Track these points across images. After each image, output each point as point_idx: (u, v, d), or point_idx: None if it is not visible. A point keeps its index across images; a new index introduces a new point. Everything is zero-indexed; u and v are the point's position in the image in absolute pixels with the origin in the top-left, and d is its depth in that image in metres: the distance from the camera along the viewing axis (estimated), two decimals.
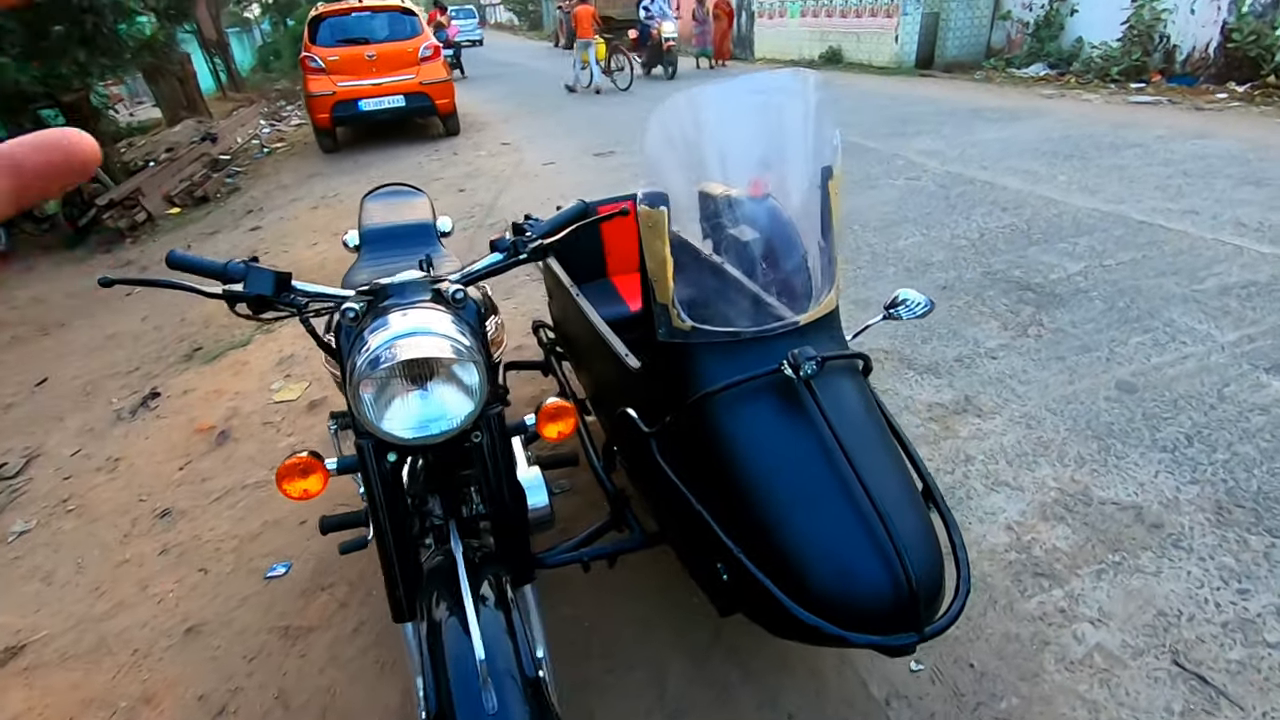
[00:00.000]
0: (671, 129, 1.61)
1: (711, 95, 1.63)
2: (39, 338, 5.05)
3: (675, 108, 1.57)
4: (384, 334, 0.99)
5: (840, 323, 1.59)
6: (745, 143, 1.71)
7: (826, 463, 1.29)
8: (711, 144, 1.67)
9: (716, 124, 1.68)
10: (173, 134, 11.61)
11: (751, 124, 1.75)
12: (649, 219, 1.40)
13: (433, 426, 1.05)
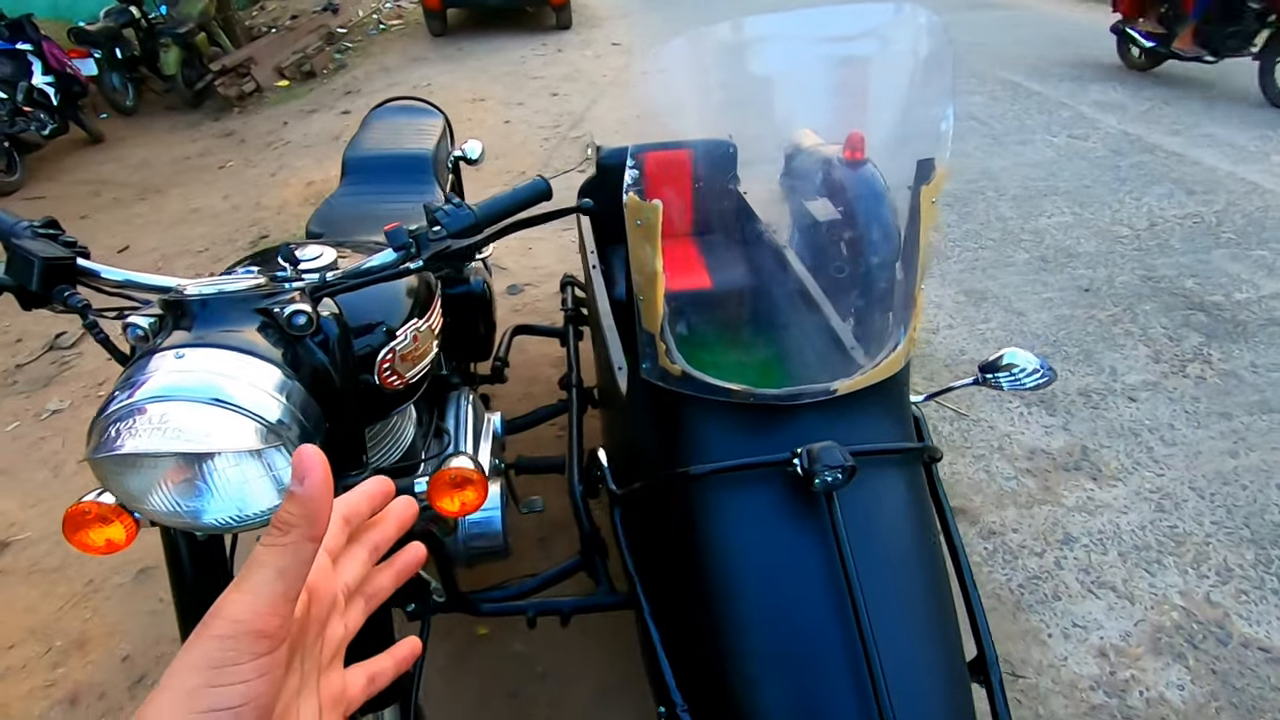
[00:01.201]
0: (697, 70, 1.14)
1: (763, 29, 1.13)
2: (136, 202, 5.15)
3: (700, 46, 1.10)
4: (128, 399, 0.65)
5: (906, 386, 1.12)
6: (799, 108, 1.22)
7: (832, 610, 0.88)
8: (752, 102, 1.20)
9: (759, 77, 1.19)
10: (300, 3, 11.58)
11: (814, 80, 1.25)
12: (637, 213, 0.96)
13: (207, 514, 0.71)
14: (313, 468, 0.30)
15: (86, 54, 6.29)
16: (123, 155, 6.07)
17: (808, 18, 1.15)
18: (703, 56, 1.28)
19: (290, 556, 0.29)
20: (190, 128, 6.80)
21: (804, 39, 1.29)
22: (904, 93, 1.16)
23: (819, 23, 1.18)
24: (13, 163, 5.27)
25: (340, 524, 0.37)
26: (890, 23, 1.13)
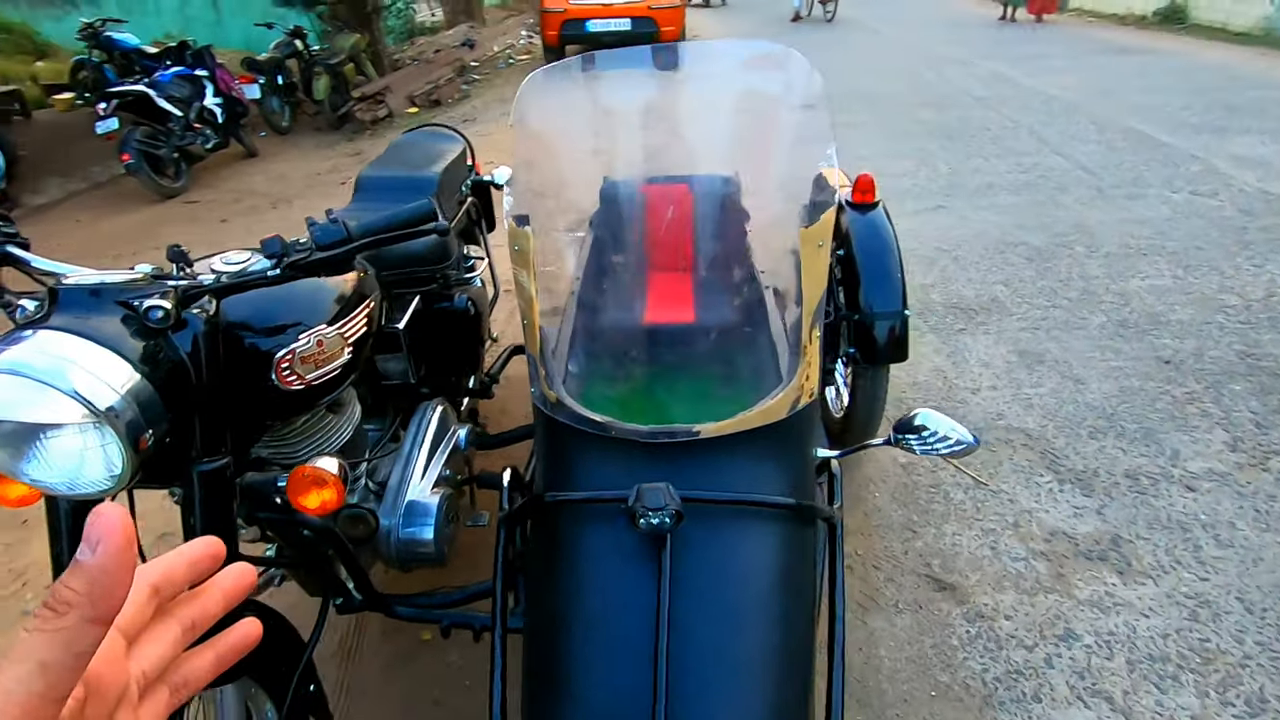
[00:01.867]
0: (573, 101, 1.16)
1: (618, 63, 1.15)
2: (268, 210, 5.77)
3: (569, 75, 1.12)
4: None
5: (801, 438, 1.06)
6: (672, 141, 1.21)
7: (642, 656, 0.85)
8: (632, 133, 1.20)
9: (642, 107, 1.20)
10: (444, 37, 12.62)
11: (687, 116, 1.23)
12: (514, 239, 0.99)
13: (41, 480, 0.80)
14: (110, 533, 0.24)
15: (253, 79, 7.18)
16: (268, 169, 6.82)
17: (693, 50, 1.14)
18: (587, 86, 1.30)
19: (60, 647, 0.23)
20: (328, 147, 7.54)
21: (688, 74, 1.28)
22: (786, 133, 1.12)
23: (700, 58, 1.17)
24: (179, 170, 6.06)
25: (147, 594, 0.30)
26: (767, 64, 1.10)
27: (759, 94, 1.29)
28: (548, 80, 1.32)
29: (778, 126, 1.24)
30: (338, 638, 1.72)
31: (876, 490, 2.08)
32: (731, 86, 1.39)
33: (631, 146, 1.62)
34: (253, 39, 9.62)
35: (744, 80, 1.42)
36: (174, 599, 0.31)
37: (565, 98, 1.42)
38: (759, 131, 1.34)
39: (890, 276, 1.74)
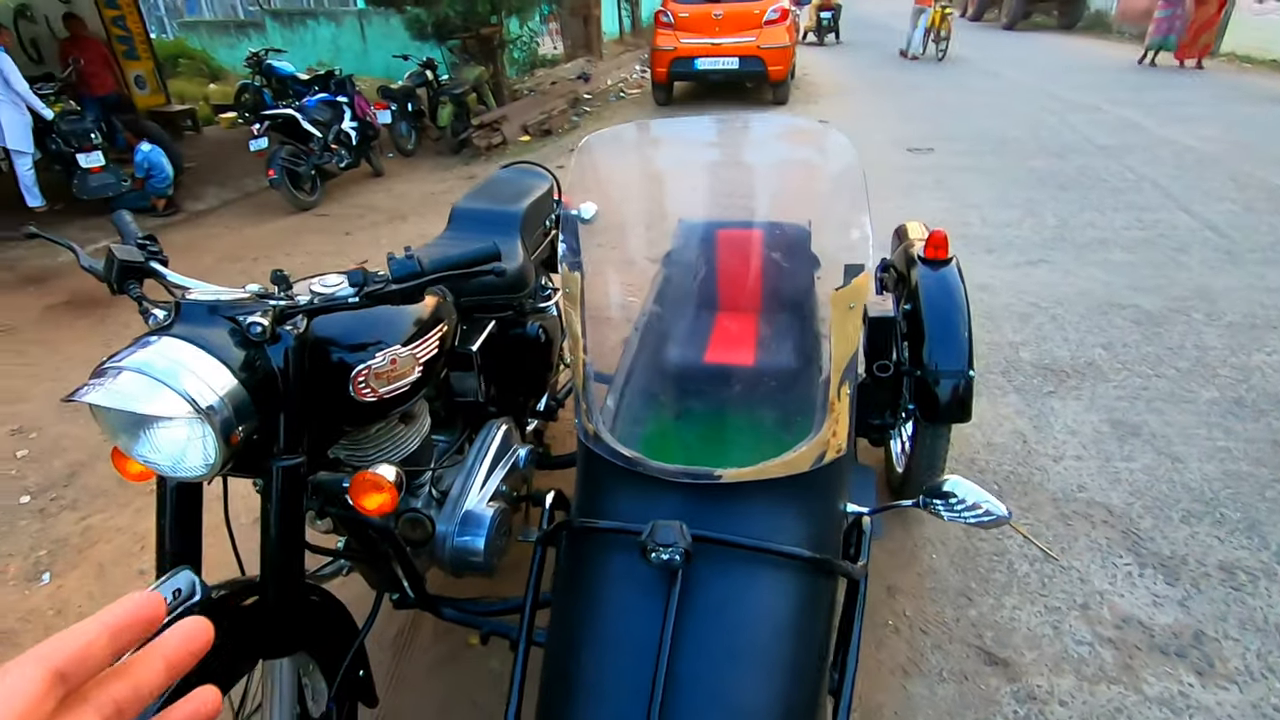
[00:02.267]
0: (628, 157, 1.24)
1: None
2: (385, 225, 6.24)
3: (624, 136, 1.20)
4: (115, 358, 0.91)
5: (827, 491, 1.08)
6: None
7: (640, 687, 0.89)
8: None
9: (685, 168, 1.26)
10: (562, 70, 13.28)
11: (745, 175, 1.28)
12: (566, 283, 1.08)
13: (151, 462, 0.95)
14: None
15: (386, 106, 7.84)
16: (390, 187, 7.38)
17: (741, 121, 1.20)
18: (644, 145, 1.37)
19: None
20: (445, 169, 8.08)
21: (738, 141, 1.33)
22: (823, 200, 1.15)
23: (752, 127, 1.22)
24: (315, 186, 6.68)
25: (44, 684, 0.24)
26: (810, 138, 1.14)
27: (803, 163, 1.35)
28: (605, 140, 1.42)
29: (815, 193, 1.27)
30: (394, 632, 1.86)
31: (935, 552, 2.02)
32: (775, 156, 1.44)
33: (691, 196, 1.70)
34: (392, 68, 10.53)
35: (788, 151, 1.47)
36: (95, 681, 0.25)
37: (620, 155, 1.52)
38: (798, 197, 1.38)
39: (956, 335, 1.71)
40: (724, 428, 1.32)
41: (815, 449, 1.02)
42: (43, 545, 2.44)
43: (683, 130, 1.46)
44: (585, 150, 1.41)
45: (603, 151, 1.37)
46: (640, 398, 1.38)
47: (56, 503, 2.67)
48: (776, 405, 1.35)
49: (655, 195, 1.73)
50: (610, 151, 1.40)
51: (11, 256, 5.38)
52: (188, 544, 1.10)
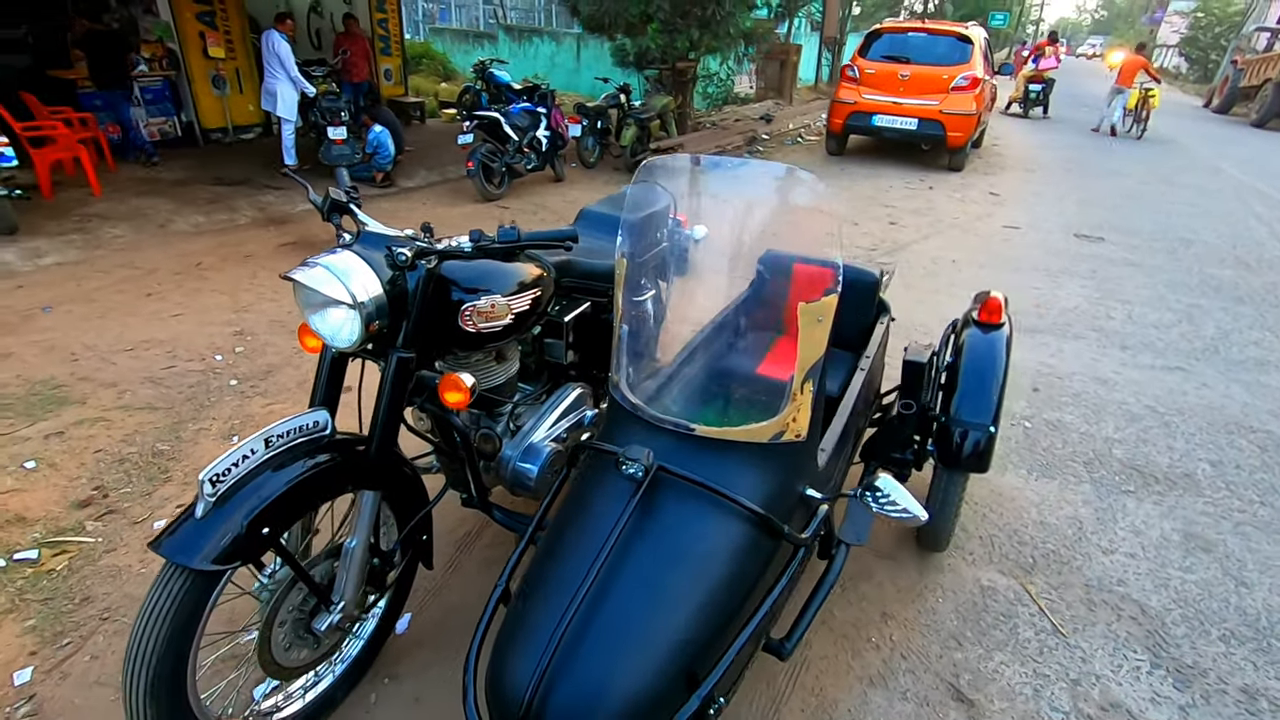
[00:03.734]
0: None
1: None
2: (553, 223, 6.95)
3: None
4: (315, 258, 1.39)
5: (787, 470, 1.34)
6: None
7: (593, 560, 1.20)
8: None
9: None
10: (748, 109, 13.80)
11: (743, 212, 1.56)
12: (619, 268, 1.43)
13: (322, 332, 1.42)
14: None
15: (578, 121, 8.71)
16: (565, 193, 8.16)
17: (741, 168, 1.48)
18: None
19: None
20: (616, 185, 8.76)
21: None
22: (805, 233, 1.38)
23: (745, 175, 1.49)
24: (503, 182, 7.59)
25: None
26: (791, 182, 1.39)
27: (791, 205, 1.61)
28: (657, 166, 1.76)
29: (799, 228, 1.53)
30: (462, 531, 2.29)
31: (942, 597, 2.12)
32: (770, 198, 1.72)
33: (749, 228, 1.99)
34: (594, 88, 11.60)
35: (779, 193, 1.73)
36: None
37: (667, 180, 1.86)
38: (791, 230, 1.65)
39: (986, 392, 1.85)
40: (713, 408, 1.61)
41: (774, 426, 1.28)
42: (238, 417, 3.17)
43: (717, 165, 1.77)
44: (644, 170, 1.76)
45: (653, 173, 1.71)
46: (672, 379, 1.69)
47: (253, 389, 3.43)
48: (753, 401, 1.61)
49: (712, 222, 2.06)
50: (660, 175, 1.73)
51: (264, 200, 6.67)
52: (330, 396, 1.58)
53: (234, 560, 1.25)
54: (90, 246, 5.29)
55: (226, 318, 4.24)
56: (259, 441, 1.33)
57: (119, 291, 4.57)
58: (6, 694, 1.72)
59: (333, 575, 1.56)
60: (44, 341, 3.82)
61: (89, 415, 3.09)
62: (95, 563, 2.22)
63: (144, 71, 7.76)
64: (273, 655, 1.47)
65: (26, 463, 2.70)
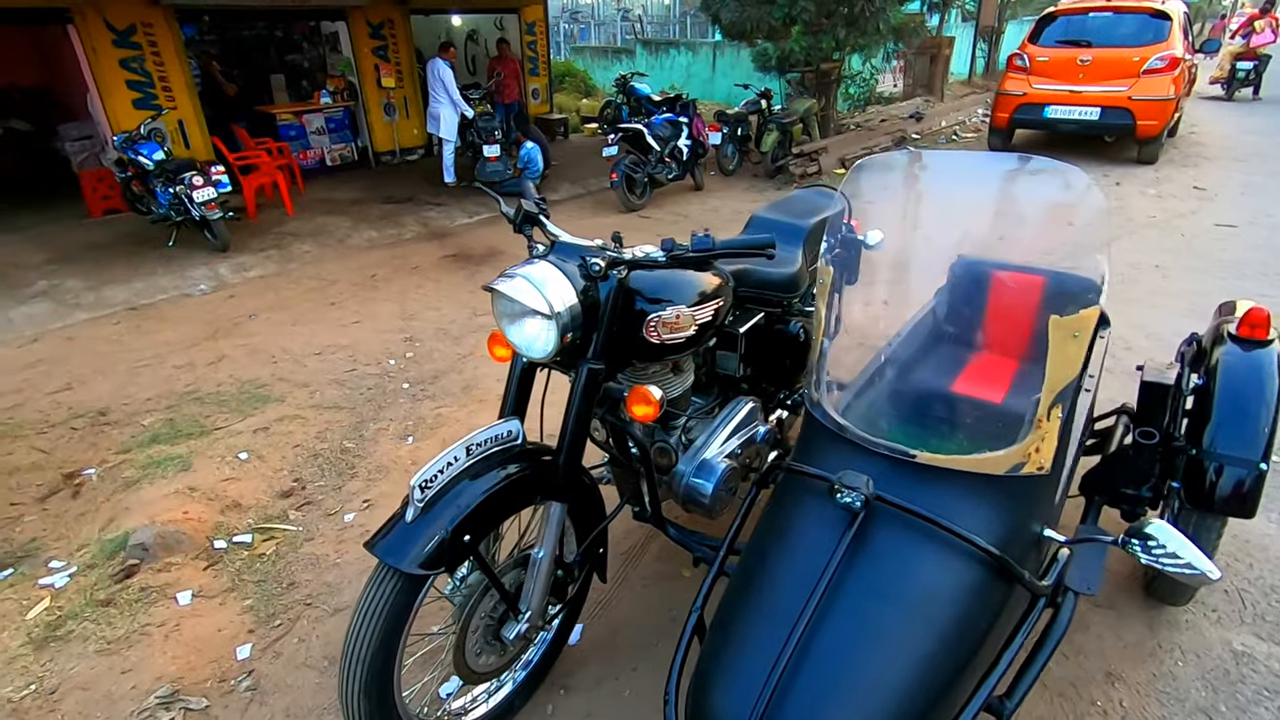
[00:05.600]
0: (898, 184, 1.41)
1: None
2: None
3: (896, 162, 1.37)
4: (514, 268, 1.39)
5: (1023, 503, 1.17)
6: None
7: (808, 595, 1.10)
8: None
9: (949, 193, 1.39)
10: (896, 108, 13.09)
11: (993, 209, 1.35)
12: (821, 274, 1.32)
13: (515, 342, 1.42)
14: None
15: (718, 129, 8.66)
16: (705, 201, 8.12)
17: (991, 160, 1.27)
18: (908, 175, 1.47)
19: None
20: (756, 191, 8.62)
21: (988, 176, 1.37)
22: (1068, 236, 1.16)
23: (999, 166, 1.27)
24: (644, 192, 7.68)
25: None
26: (1060, 179, 1.16)
27: (1051, 203, 1.37)
28: (877, 165, 1.59)
29: (1060, 233, 1.30)
30: (629, 545, 2.27)
31: (1182, 660, 1.80)
32: (1027, 193, 1.47)
33: (963, 230, 1.79)
34: (732, 95, 11.52)
35: (1036, 190, 1.48)
36: None
37: (889, 181, 1.68)
38: (1046, 235, 1.40)
39: (1254, 421, 1.54)
40: (926, 430, 1.44)
41: (1013, 457, 1.12)
42: (410, 419, 3.37)
43: (947, 163, 1.58)
44: (857, 171, 1.62)
45: (872, 175, 1.56)
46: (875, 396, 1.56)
47: (423, 393, 3.64)
48: (980, 424, 1.42)
49: (913, 224, 1.87)
50: (880, 177, 1.58)
51: (426, 216, 7.17)
52: (519, 405, 1.59)
53: (439, 565, 1.27)
54: (285, 260, 5.93)
55: (397, 325, 4.56)
56: (461, 449, 1.35)
57: (307, 300, 5.06)
58: (231, 667, 1.90)
59: (520, 584, 1.57)
60: (249, 345, 4.29)
61: (288, 413, 3.41)
62: (297, 550, 2.42)
63: (329, 104, 8.64)
64: (465, 660, 1.50)
65: (240, 454, 3.01)
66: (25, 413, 3.57)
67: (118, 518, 2.60)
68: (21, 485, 2.94)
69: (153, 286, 5.31)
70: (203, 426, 3.31)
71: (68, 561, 2.37)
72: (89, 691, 1.81)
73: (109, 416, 3.51)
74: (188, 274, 5.51)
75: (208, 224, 5.68)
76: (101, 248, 6.01)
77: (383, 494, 2.73)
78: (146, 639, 1.97)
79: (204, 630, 2.01)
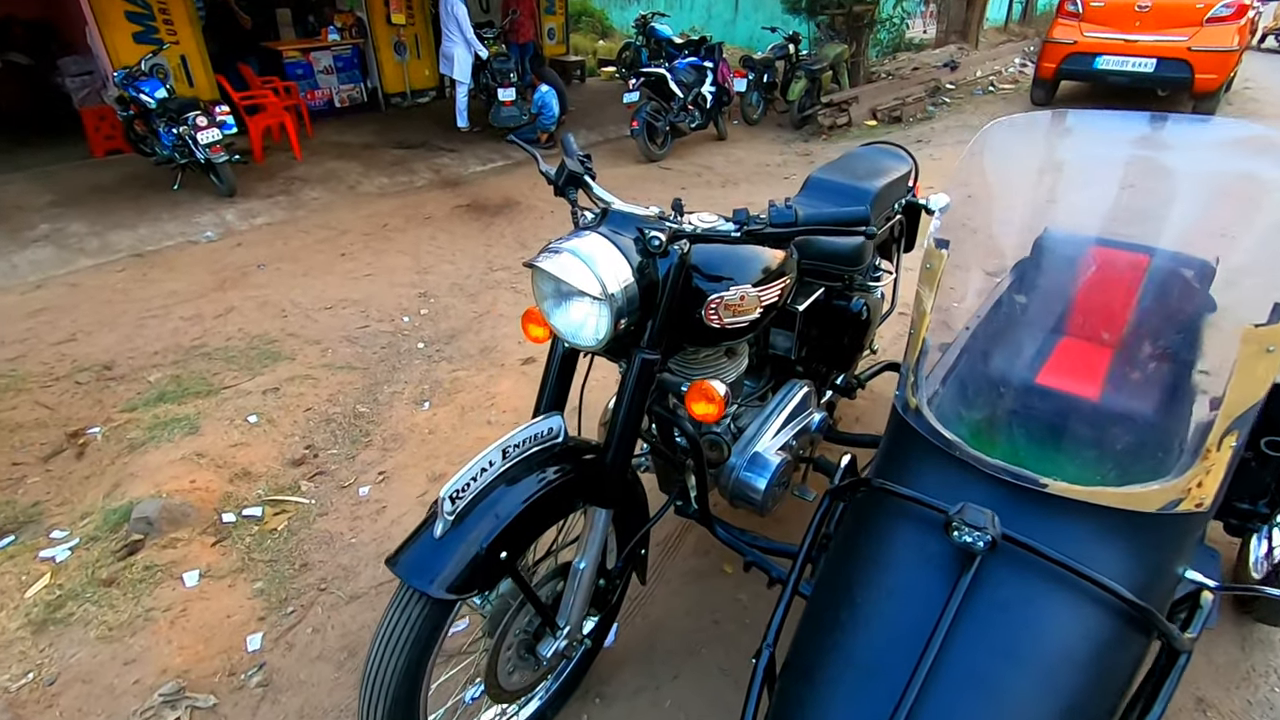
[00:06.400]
0: (1034, 150, 1.17)
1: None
2: (717, 187, 6.61)
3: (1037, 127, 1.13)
4: (559, 242, 1.18)
5: (1174, 543, 0.99)
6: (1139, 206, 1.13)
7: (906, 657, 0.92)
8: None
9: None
10: (928, 55, 12.43)
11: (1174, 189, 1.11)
12: (929, 258, 1.11)
13: (559, 327, 1.22)
14: None
15: (744, 75, 8.22)
16: (729, 152, 7.76)
17: (1178, 122, 1.03)
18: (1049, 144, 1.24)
19: None
20: (783, 143, 8.23)
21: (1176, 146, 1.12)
22: (1251, 229, 0.94)
23: (1189, 132, 1.03)
24: (666, 141, 7.32)
25: None
26: (1261, 148, 0.93)
27: (1250, 178, 1.13)
28: (1013, 129, 1.36)
29: (1264, 216, 1.07)
30: (664, 534, 2.11)
31: (1278, 686, 1.65)
32: (1219, 166, 1.23)
33: (1086, 204, 1.54)
34: (755, 38, 10.93)
35: (1234, 162, 1.24)
36: None
37: (1028, 146, 1.44)
38: (1243, 219, 1.17)
39: None
40: (1047, 445, 1.24)
41: (1170, 493, 0.92)
42: (426, 382, 3.20)
43: (1103, 126, 1.33)
44: (985, 136, 1.39)
45: (1003, 140, 1.33)
46: (959, 393, 1.35)
47: (439, 353, 3.47)
48: (1116, 441, 1.22)
49: (1035, 197, 1.62)
50: (1011, 141, 1.34)
51: (439, 163, 6.87)
52: (560, 398, 1.40)
53: (472, 588, 1.10)
54: (293, 207, 5.68)
55: (410, 279, 4.35)
56: (496, 453, 1.17)
57: (318, 251, 4.85)
58: (241, 659, 1.77)
59: (558, 596, 1.41)
60: (259, 297, 4.11)
61: (299, 372, 3.25)
62: (310, 525, 2.28)
63: (336, 41, 8.22)
64: (498, 679, 1.35)
65: (250, 417, 2.86)
66: (29, 364, 3.42)
67: (123, 483, 2.47)
68: (25, 444, 2.81)
69: (158, 232, 5.11)
70: (210, 385, 3.16)
71: (70, 531, 2.24)
72: (89, 685, 1.69)
73: (114, 371, 3.37)
74: (194, 220, 5.29)
75: (213, 167, 5.42)
76: (105, 190, 5.78)
77: (399, 466, 2.58)
78: (151, 625, 1.84)
79: (212, 616, 1.88)
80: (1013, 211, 1.62)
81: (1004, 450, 1.18)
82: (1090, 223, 1.57)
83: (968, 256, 1.62)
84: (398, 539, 2.43)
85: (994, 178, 1.47)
